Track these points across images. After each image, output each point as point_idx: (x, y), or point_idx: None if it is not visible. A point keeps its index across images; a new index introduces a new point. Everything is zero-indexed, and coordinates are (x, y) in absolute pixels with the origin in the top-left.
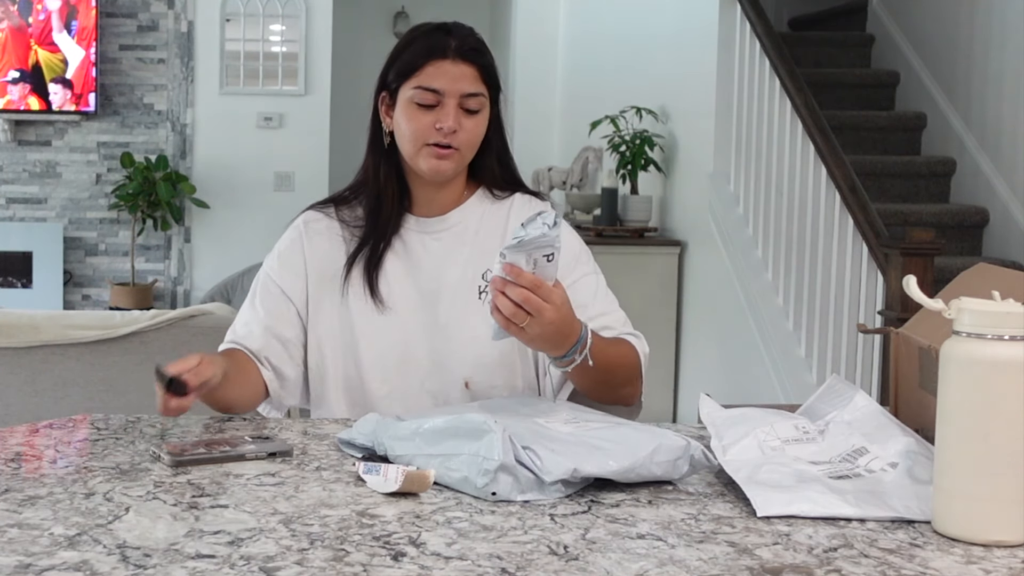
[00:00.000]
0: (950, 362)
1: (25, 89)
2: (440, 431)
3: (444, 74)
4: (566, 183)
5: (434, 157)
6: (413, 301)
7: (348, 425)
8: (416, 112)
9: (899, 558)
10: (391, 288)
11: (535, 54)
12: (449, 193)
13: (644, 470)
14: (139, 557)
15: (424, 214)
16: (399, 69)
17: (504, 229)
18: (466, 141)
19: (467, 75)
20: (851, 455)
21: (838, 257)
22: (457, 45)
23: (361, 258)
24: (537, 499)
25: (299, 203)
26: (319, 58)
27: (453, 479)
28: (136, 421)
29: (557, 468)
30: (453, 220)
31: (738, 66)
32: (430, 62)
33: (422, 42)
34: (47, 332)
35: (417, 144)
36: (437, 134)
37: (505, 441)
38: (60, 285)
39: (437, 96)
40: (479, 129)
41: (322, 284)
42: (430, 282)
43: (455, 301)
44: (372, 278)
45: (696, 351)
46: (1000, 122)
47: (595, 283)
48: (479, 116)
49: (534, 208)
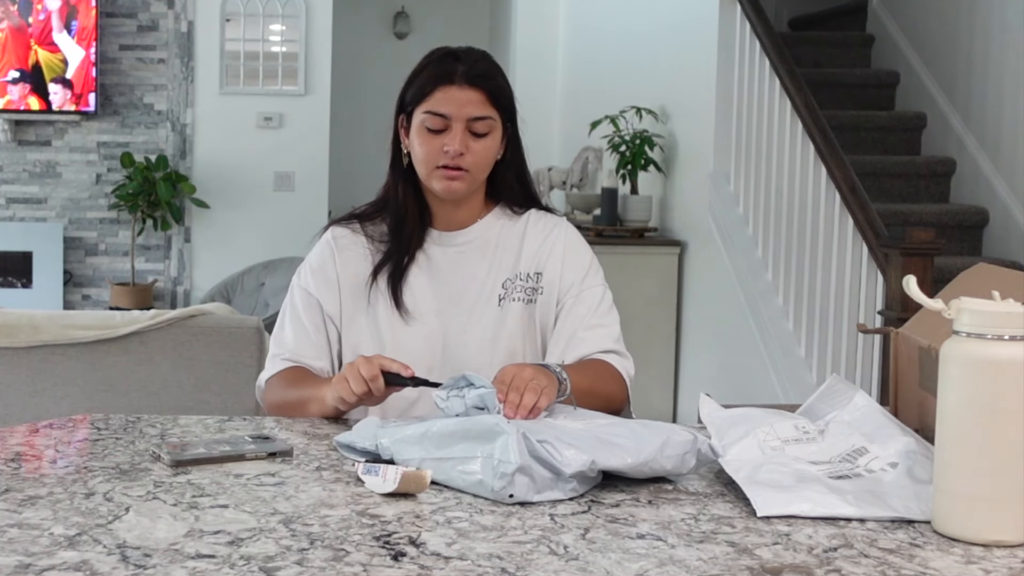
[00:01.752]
0: (950, 362)
1: (25, 89)
2: (450, 434)
3: (451, 99)
4: (566, 183)
5: (445, 179)
6: (436, 310)
7: (348, 428)
8: (427, 136)
9: (899, 558)
10: (416, 299)
11: (535, 54)
12: (467, 210)
13: (656, 464)
14: (139, 557)
15: (445, 228)
16: (413, 94)
17: (520, 241)
18: (474, 163)
19: (474, 100)
20: (851, 455)
21: (838, 257)
22: (464, 71)
23: (385, 271)
24: (554, 498)
25: (299, 203)
26: (319, 58)
27: (467, 482)
28: (136, 421)
29: (576, 460)
30: (473, 234)
31: (738, 66)
32: (438, 88)
33: (432, 68)
34: (47, 332)
35: (429, 166)
36: (445, 157)
37: (520, 442)
38: (60, 285)
39: (445, 121)
40: (488, 151)
41: (354, 297)
42: (451, 292)
43: (474, 310)
44: (397, 290)
45: (696, 351)
46: (1000, 122)
47: (600, 296)
48: (488, 139)
49: (552, 223)
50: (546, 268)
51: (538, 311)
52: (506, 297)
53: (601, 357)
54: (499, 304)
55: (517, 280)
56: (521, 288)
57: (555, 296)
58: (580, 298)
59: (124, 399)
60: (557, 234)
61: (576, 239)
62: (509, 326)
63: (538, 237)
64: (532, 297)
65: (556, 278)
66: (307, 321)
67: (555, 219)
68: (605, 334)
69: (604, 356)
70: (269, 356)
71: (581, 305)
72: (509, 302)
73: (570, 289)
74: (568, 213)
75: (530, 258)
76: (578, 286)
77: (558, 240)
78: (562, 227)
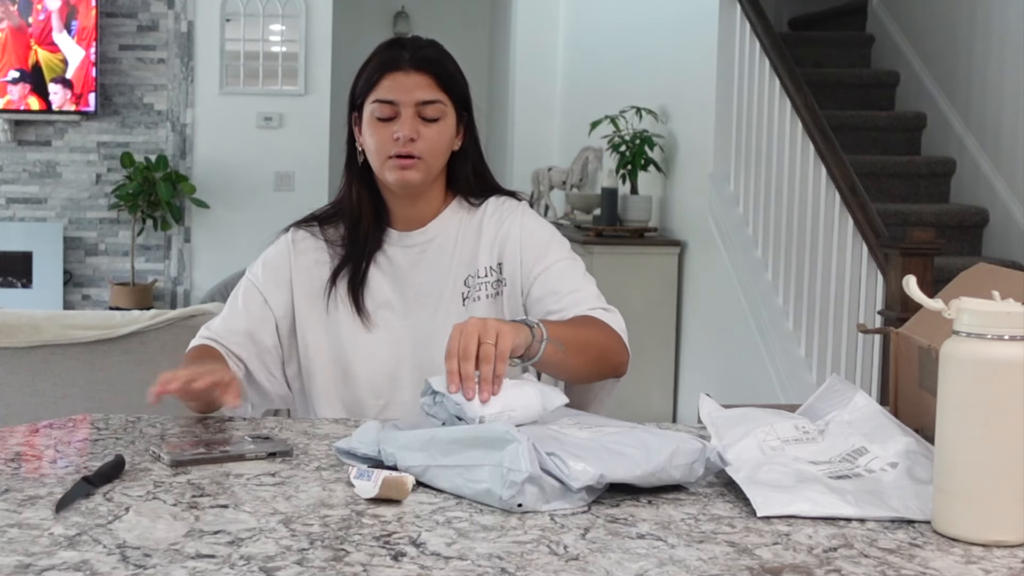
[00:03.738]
0: (950, 362)
1: (25, 89)
2: (457, 440)
3: (398, 85)
4: (566, 183)
5: (398, 168)
6: (399, 315)
7: (348, 428)
8: (377, 126)
9: (899, 558)
10: (377, 303)
11: (535, 54)
12: (426, 206)
13: (664, 474)
14: (139, 557)
15: (404, 228)
16: (361, 86)
17: (478, 234)
18: (427, 149)
19: (421, 84)
20: (851, 455)
21: (838, 257)
22: (410, 56)
23: (344, 276)
24: (562, 508)
25: (299, 203)
26: (319, 58)
27: (473, 491)
28: (136, 421)
29: (584, 475)
30: (432, 232)
31: (738, 66)
32: (385, 75)
33: (378, 57)
34: (47, 332)
35: (381, 157)
36: (396, 145)
37: (531, 451)
38: (60, 285)
39: (394, 107)
40: (440, 136)
41: (310, 302)
42: (415, 294)
43: (439, 310)
44: (357, 296)
45: (696, 351)
46: (1000, 122)
47: (567, 267)
48: (440, 123)
49: (507, 208)
50: (505, 257)
51: (506, 303)
52: (470, 296)
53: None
54: (463, 304)
55: (478, 277)
56: (483, 284)
57: (518, 283)
58: (546, 275)
59: (124, 399)
60: (512, 219)
61: (533, 219)
62: None
63: (493, 228)
64: (497, 290)
65: (516, 265)
66: (243, 309)
67: (511, 204)
68: (582, 297)
69: (588, 312)
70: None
71: (547, 282)
72: (473, 301)
73: (532, 270)
74: (568, 213)
75: (488, 250)
76: (540, 265)
77: (513, 224)
78: (517, 211)
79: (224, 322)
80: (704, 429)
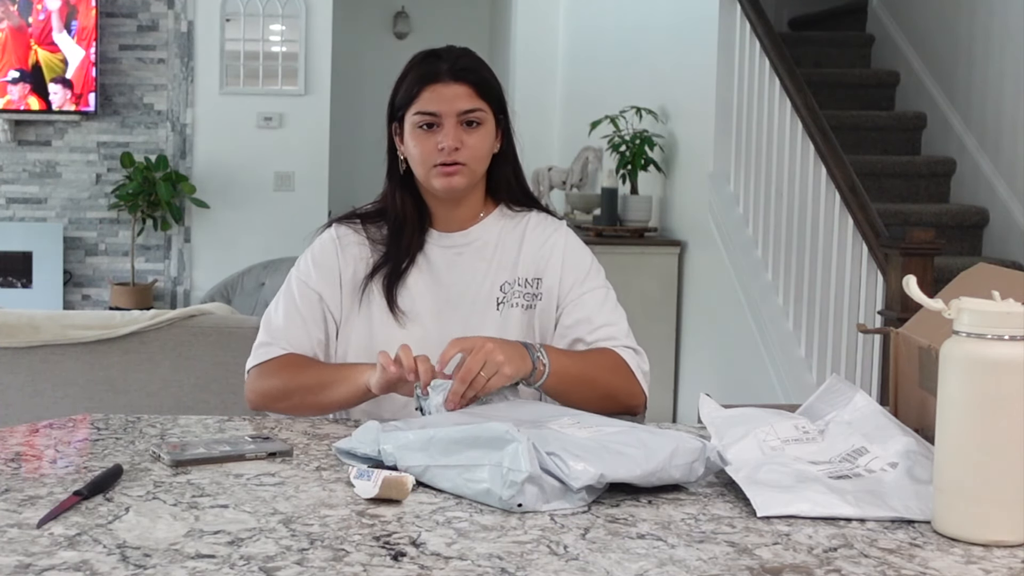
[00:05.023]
0: (950, 362)
1: (25, 89)
2: (457, 440)
3: (439, 97)
4: (566, 183)
5: (443, 175)
6: (433, 314)
7: (348, 428)
8: (420, 136)
9: (899, 558)
10: (413, 301)
11: (535, 54)
12: (467, 210)
13: (664, 474)
14: (139, 557)
15: (445, 229)
16: (401, 99)
17: (520, 242)
18: (471, 156)
19: (461, 94)
20: (851, 455)
21: (838, 257)
22: (448, 68)
23: (381, 274)
24: (562, 508)
25: (299, 203)
26: (319, 58)
27: (473, 491)
28: (136, 421)
29: (584, 474)
30: (474, 235)
31: (738, 66)
32: (425, 88)
33: (417, 70)
34: (47, 332)
35: (426, 166)
36: (441, 154)
37: (531, 450)
38: (60, 285)
39: (436, 118)
40: (483, 143)
41: (352, 296)
42: (451, 295)
43: (473, 312)
44: (392, 293)
45: (696, 351)
46: (1000, 122)
47: (603, 296)
48: (482, 130)
49: (551, 226)
50: (545, 274)
51: (537, 317)
52: (505, 302)
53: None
54: (498, 309)
55: (516, 284)
56: (520, 293)
57: (554, 301)
58: (582, 301)
59: (124, 399)
60: (556, 239)
61: (575, 243)
62: (508, 332)
63: (537, 241)
64: (531, 303)
65: (555, 283)
66: (305, 313)
67: (554, 223)
68: (613, 332)
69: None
70: (257, 344)
71: (583, 308)
72: (508, 307)
73: (569, 293)
74: (568, 213)
75: (529, 262)
76: (578, 289)
77: (557, 245)
78: (561, 231)
79: (289, 330)
80: (704, 429)
